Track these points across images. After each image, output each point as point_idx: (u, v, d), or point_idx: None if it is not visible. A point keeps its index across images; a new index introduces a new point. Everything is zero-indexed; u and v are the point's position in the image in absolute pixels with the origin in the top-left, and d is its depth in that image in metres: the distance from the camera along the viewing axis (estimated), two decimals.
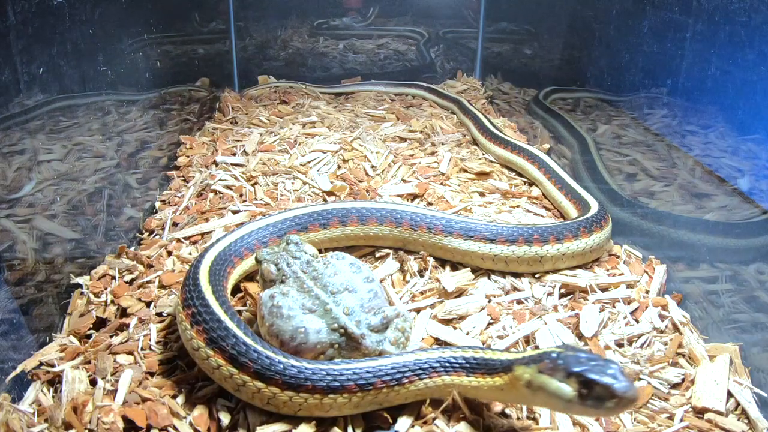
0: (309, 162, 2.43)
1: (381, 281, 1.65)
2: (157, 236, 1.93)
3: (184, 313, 1.30)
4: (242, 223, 1.83)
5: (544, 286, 1.65)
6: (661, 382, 1.33)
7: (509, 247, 1.66)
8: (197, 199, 2.14)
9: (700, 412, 1.25)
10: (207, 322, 1.24)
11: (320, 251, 1.78)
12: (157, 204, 2.18)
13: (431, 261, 1.72)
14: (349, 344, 1.25)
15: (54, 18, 1.59)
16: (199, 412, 1.21)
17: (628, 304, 1.57)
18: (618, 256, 1.82)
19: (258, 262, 1.43)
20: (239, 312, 1.54)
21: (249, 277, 1.65)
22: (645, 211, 1.91)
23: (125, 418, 1.17)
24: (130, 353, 1.38)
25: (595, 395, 0.98)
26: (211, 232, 1.89)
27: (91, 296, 1.59)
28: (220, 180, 2.24)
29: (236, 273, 1.57)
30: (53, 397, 1.29)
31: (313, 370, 1.16)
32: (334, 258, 1.42)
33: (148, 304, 1.56)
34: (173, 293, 1.59)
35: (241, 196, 2.14)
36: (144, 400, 1.23)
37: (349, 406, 1.17)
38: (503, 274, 1.69)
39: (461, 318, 1.52)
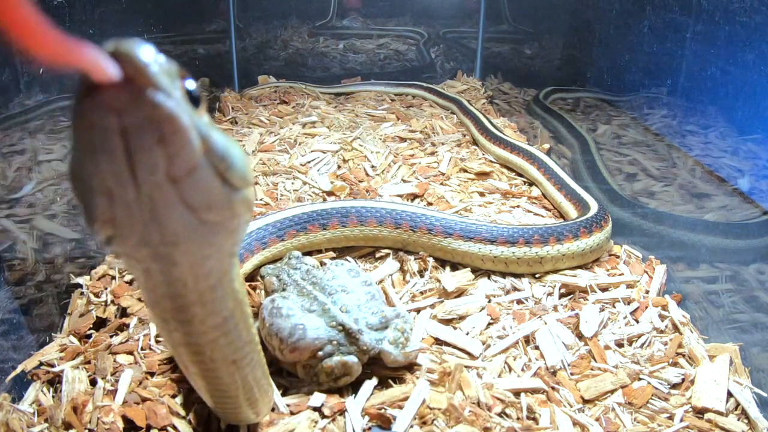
0: (309, 162, 2.43)
1: (381, 281, 1.65)
2: None
3: None
4: None
5: (544, 286, 1.65)
6: (661, 382, 1.33)
7: (509, 249, 1.66)
8: None
9: (700, 412, 1.25)
10: None
11: (320, 251, 1.78)
12: None
13: (431, 261, 1.71)
14: (348, 340, 1.26)
15: (54, 18, 1.59)
16: (199, 411, 1.21)
17: (628, 304, 1.57)
18: (618, 256, 1.82)
19: (261, 278, 1.48)
20: None
21: (248, 278, 1.65)
22: (645, 211, 1.91)
23: (125, 418, 1.17)
24: (130, 353, 1.38)
25: None
26: None
27: (91, 296, 1.59)
28: None
29: None
30: (53, 397, 1.29)
31: None
32: (333, 265, 1.46)
33: None
34: None
35: None
36: (144, 399, 1.23)
37: None
38: (503, 274, 1.69)
39: (461, 318, 1.51)
